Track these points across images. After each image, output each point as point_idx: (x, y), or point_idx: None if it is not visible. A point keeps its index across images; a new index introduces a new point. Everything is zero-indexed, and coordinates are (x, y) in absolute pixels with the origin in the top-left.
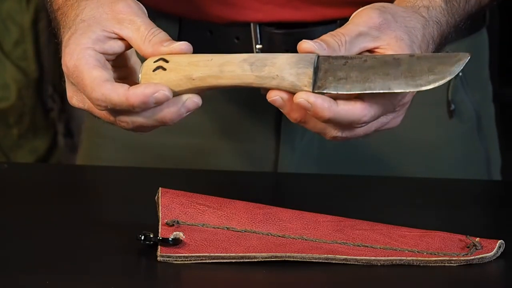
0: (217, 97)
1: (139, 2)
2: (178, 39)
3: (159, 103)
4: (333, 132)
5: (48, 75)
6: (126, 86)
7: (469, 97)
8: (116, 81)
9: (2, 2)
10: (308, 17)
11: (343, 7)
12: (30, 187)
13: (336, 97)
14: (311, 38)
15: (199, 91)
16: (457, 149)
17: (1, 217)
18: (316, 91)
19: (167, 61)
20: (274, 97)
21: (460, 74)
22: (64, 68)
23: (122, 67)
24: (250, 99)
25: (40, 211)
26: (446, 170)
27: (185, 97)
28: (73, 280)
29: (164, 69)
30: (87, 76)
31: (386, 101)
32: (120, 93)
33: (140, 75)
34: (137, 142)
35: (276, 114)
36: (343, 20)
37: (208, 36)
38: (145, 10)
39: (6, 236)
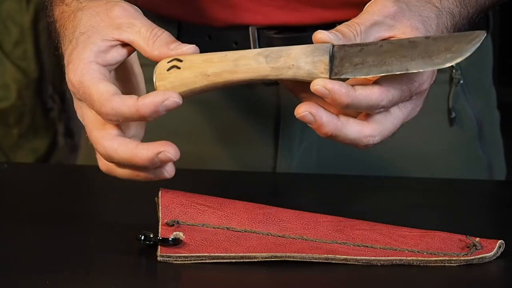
0: (214, 103)
1: (134, 5)
2: None
3: (169, 110)
4: (365, 140)
5: (48, 75)
6: (134, 97)
7: (470, 105)
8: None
9: (2, 2)
10: (306, 19)
11: (342, 10)
12: (30, 187)
13: (353, 84)
14: (309, 42)
15: (215, 87)
16: (457, 157)
17: (1, 217)
18: (333, 78)
19: (181, 60)
20: (302, 113)
21: (462, 81)
22: (69, 84)
23: (126, 81)
24: (248, 105)
25: (40, 211)
26: (446, 178)
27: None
28: (73, 280)
29: (179, 67)
30: (94, 91)
31: (403, 86)
32: (129, 105)
33: (154, 76)
34: None
35: (274, 120)
36: (342, 23)
37: (207, 41)
38: (141, 12)
39: (6, 236)
